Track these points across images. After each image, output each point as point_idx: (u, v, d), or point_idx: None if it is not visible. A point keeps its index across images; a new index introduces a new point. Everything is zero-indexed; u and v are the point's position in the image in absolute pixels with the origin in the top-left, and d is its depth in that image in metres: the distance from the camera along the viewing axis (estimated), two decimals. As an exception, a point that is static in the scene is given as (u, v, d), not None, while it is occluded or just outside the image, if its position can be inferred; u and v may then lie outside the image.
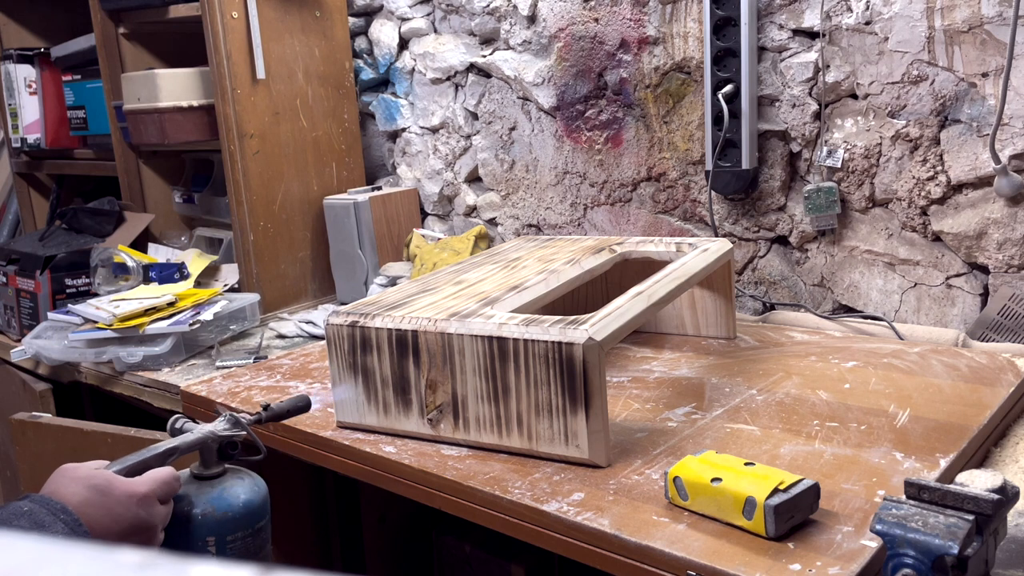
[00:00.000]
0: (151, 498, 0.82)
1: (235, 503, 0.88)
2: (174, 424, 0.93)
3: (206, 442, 0.90)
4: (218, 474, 0.91)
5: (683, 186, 1.67)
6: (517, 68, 1.84)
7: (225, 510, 0.88)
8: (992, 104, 1.30)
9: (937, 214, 1.39)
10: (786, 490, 0.80)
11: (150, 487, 0.82)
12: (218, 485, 0.90)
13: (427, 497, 1.01)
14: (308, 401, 1.02)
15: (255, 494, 0.91)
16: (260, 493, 0.91)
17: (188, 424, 0.92)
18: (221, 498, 0.88)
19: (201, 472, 0.91)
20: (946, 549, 0.65)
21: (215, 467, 0.91)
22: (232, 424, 0.92)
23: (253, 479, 0.92)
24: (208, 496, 0.88)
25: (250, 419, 0.94)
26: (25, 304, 1.91)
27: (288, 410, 1.00)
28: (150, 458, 0.87)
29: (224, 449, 0.91)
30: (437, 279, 1.28)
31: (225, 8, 1.75)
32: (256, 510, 0.90)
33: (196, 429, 0.91)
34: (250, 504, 0.89)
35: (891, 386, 1.14)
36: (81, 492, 0.79)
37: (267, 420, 0.97)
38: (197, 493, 0.89)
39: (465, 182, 2.03)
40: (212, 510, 0.87)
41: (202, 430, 0.91)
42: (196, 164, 2.17)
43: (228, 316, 1.71)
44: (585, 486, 0.93)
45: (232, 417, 0.92)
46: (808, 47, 1.46)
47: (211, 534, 0.87)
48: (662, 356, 1.35)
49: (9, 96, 2.27)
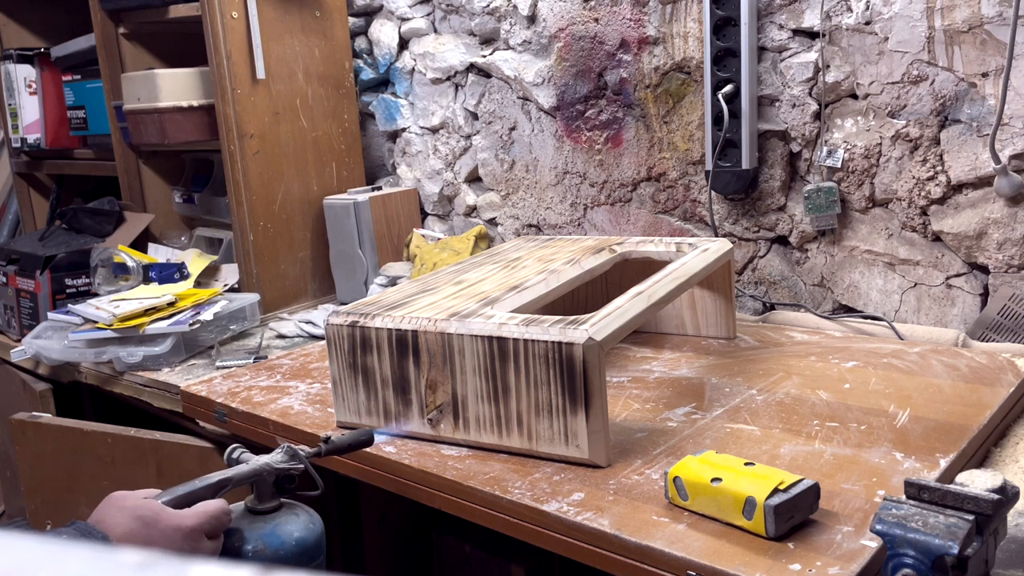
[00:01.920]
0: (198, 532, 0.79)
1: (288, 540, 0.85)
2: (231, 454, 0.89)
3: (261, 474, 0.86)
4: (273, 509, 0.87)
5: (683, 186, 1.67)
6: (517, 68, 1.84)
7: (277, 548, 0.84)
8: (992, 104, 1.30)
9: (937, 214, 1.39)
10: (786, 490, 0.80)
11: (198, 521, 0.79)
12: (271, 521, 0.86)
13: (427, 497, 1.01)
14: (371, 436, 0.96)
15: (310, 532, 0.87)
16: (315, 531, 0.88)
17: (245, 455, 0.89)
18: (274, 535, 0.85)
19: (255, 506, 0.87)
20: (946, 549, 0.65)
21: (270, 501, 0.87)
22: (290, 457, 0.88)
23: (309, 515, 0.89)
24: (261, 532, 0.85)
25: (309, 452, 0.90)
26: (25, 304, 1.91)
27: (350, 444, 0.95)
28: (201, 489, 0.83)
29: (280, 483, 0.87)
30: (437, 279, 1.28)
31: (225, 8, 1.75)
32: (310, 549, 0.86)
33: (252, 460, 0.87)
34: (303, 542, 0.86)
35: (891, 386, 1.14)
36: (125, 523, 0.77)
37: (327, 454, 0.92)
38: (250, 528, 0.85)
39: (465, 182, 2.03)
40: (264, 547, 0.84)
41: (258, 462, 0.87)
42: (196, 164, 2.17)
43: (228, 316, 1.71)
44: (585, 486, 0.93)
45: (291, 449, 0.88)
46: (808, 47, 1.46)
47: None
48: (662, 356, 1.35)
49: (9, 96, 2.27)
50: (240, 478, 0.85)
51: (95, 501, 0.81)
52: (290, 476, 0.87)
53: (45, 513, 1.61)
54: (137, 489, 0.82)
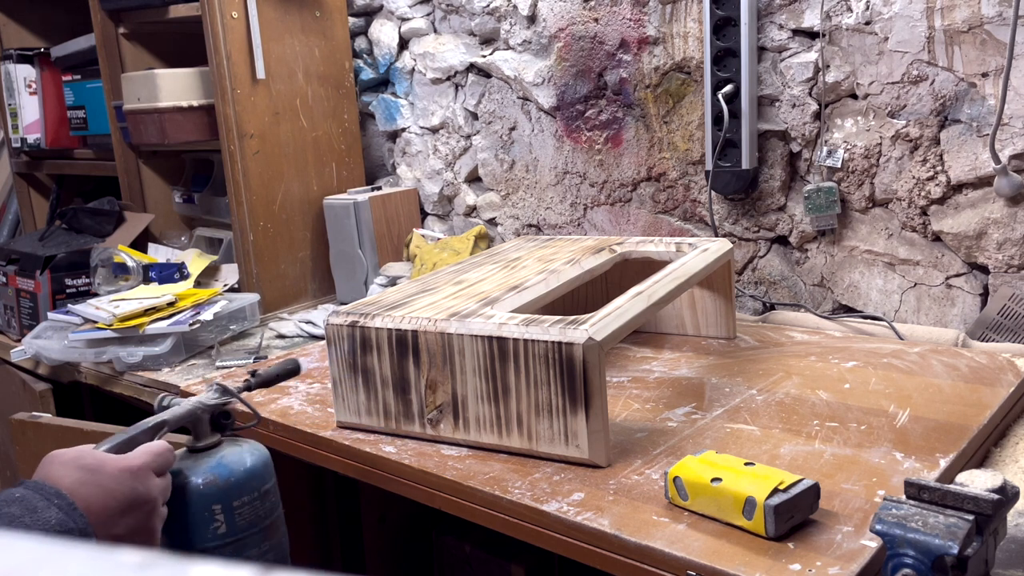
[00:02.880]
0: (146, 470, 0.79)
1: (236, 468, 0.85)
2: (161, 402, 0.90)
3: (196, 413, 0.86)
4: (214, 444, 0.87)
5: (683, 186, 1.67)
6: (517, 68, 1.84)
7: (227, 476, 0.84)
8: (992, 104, 1.30)
9: (937, 214, 1.39)
10: (786, 490, 0.80)
11: (144, 459, 0.79)
12: (216, 454, 0.86)
13: (427, 497, 1.01)
14: (297, 364, 0.98)
15: (256, 458, 0.87)
16: (262, 456, 0.88)
17: (176, 400, 0.89)
18: (221, 465, 0.85)
19: (195, 445, 0.87)
20: (946, 549, 0.65)
21: (209, 438, 0.87)
22: (221, 393, 0.88)
23: (251, 444, 0.89)
24: (207, 466, 0.85)
25: (239, 386, 0.91)
26: (25, 304, 1.91)
27: (277, 375, 0.96)
28: (138, 434, 0.83)
29: (217, 419, 0.88)
30: (437, 279, 1.28)
31: (225, 8, 1.75)
32: (260, 472, 0.87)
33: (184, 402, 0.87)
34: (253, 469, 0.86)
35: (891, 386, 1.14)
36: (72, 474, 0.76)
37: (256, 386, 0.94)
38: (194, 465, 0.85)
39: (465, 182, 2.03)
40: (214, 478, 0.84)
41: (190, 402, 0.87)
42: (196, 164, 2.17)
43: (228, 316, 1.71)
44: (585, 486, 0.93)
45: (220, 386, 0.89)
46: (808, 47, 1.46)
47: (216, 502, 0.84)
48: (662, 356, 1.35)
49: (9, 96, 2.27)
50: (176, 419, 0.85)
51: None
52: (225, 412, 0.88)
53: (45, 513, 1.60)
54: None
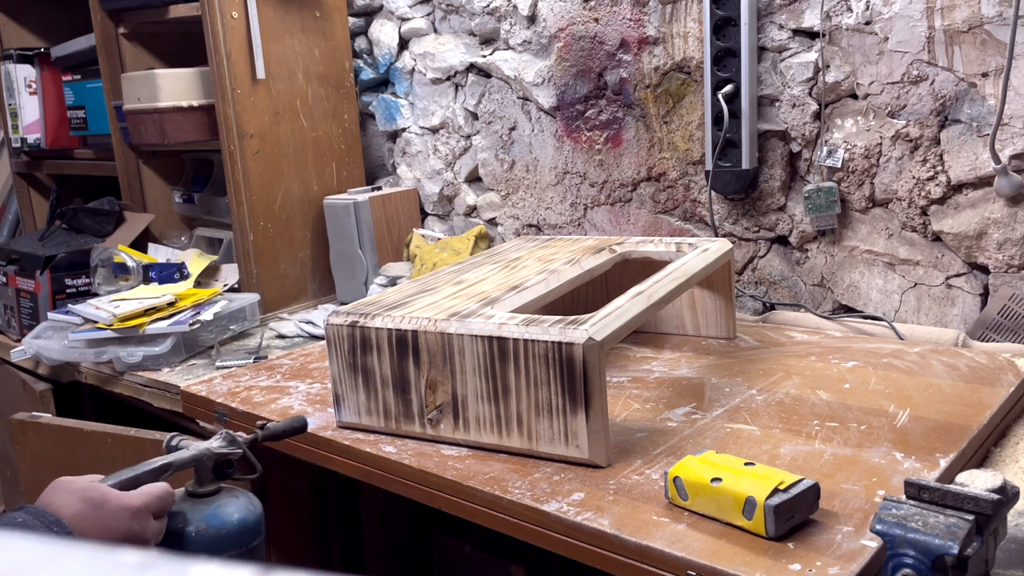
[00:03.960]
0: (144, 512, 0.82)
1: (229, 521, 0.89)
2: (170, 441, 0.94)
3: (201, 459, 0.90)
4: (213, 492, 0.91)
5: (683, 186, 1.67)
6: (517, 68, 1.84)
7: (219, 528, 0.88)
8: (992, 104, 1.30)
9: (937, 214, 1.39)
10: (786, 490, 0.80)
11: (144, 501, 0.83)
12: (212, 503, 0.90)
13: (427, 497, 1.01)
14: (304, 422, 1.02)
15: (249, 513, 0.91)
16: (255, 512, 0.92)
17: (184, 441, 0.93)
18: (215, 516, 0.89)
19: (196, 490, 0.91)
20: (946, 549, 0.65)
21: (210, 485, 0.91)
22: (228, 443, 0.92)
23: (248, 498, 0.92)
24: (203, 514, 0.88)
25: (246, 438, 0.94)
26: (25, 304, 1.91)
27: (284, 431, 1.00)
28: (143, 473, 0.87)
29: (219, 467, 0.91)
30: (437, 279, 1.28)
31: (225, 8, 1.75)
32: (250, 529, 0.90)
33: (192, 447, 0.91)
34: (244, 523, 0.90)
35: (891, 386, 1.14)
36: (74, 505, 0.79)
37: (263, 440, 0.98)
38: (191, 511, 0.89)
39: (465, 182, 2.03)
40: (206, 528, 0.88)
41: (198, 447, 0.91)
42: (196, 164, 2.17)
43: (228, 316, 1.71)
44: (585, 486, 0.93)
45: (228, 435, 0.93)
46: (808, 47, 1.46)
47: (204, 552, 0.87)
48: (662, 356, 1.35)
49: (9, 96, 2.27)
50: (181, 463, 0.89)
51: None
52: (228, 461, 0.91)
53: (45, 513, 1.60)
54: None
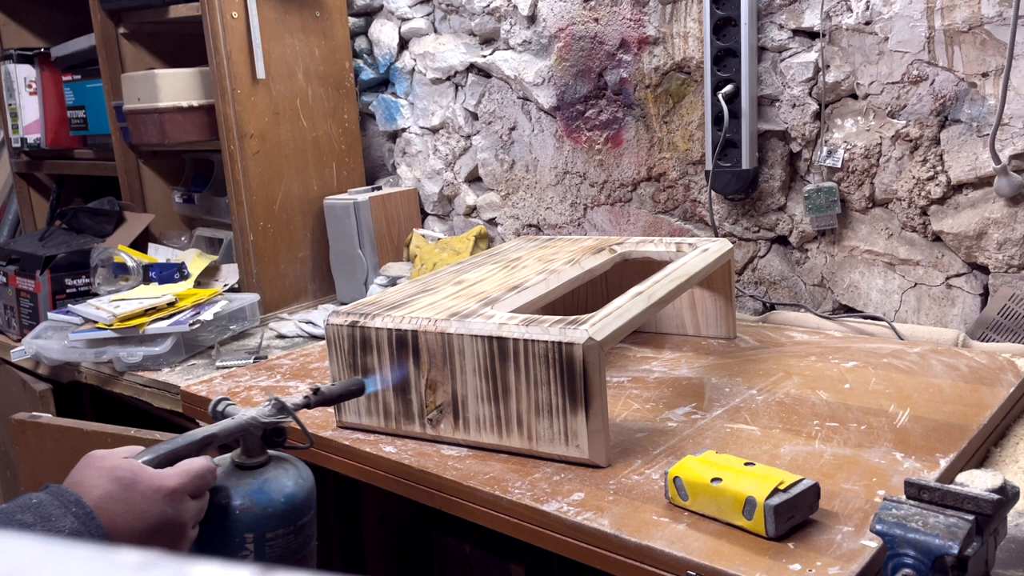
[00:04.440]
0: (180, 493, 0.74)
1: (277, 497, 0.80)
2: (216, 407, 0.85)
3: (248, 429, 0.82)
4: (261, 464, 0.82)
5: (683, 186, 1.67)
6: (517, 68, 1.84)
7: (266, 504, 0.79)
8: (992, 104, 1.30)
9: (937, 214, 1.39)
10: (786, 490, 0.80)
11: (180, 481, 0.74)
12: (260, 476, 0.81)
13: (427, 497, 1.01)
14: (362, 384, 0.93)
15: (299, 487, 0.82)
16: (305, 486, 0.83)
17: (231, 407, 0.84)
18: (262, 491, 0.80)
19: (243, 461, 0.82)
20: (946, 549, 0.65)
21: (258, 456, 0.82)
22: (277, 409, 0.83)
23: (298, 470, 0.84)
24: (248, 488, 0.80)
25: (298, 403, 0.86)
26: (25, 304, 1.91)
27: (340, 394, 0.91)
28: (184, 446, 0.78)
29: (269, 436, 0.83)
30: (437, 279, 1.28)
31: (225, 8, 1.75)
32: (299, 505, 0.82)
33: (239, 414, 0.83)
34: (293, 498, 0.81)
35: (891, 386, 1.14)
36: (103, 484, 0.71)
37: (316, 404, 0.89)
38: (237, 484, 0.80)
39: (465, 182, 2.03)
40: (251, 504, 0.79)
41: (244, 415, 0.82)
42: (196, 164, 2.17)
43: (228, 316, 1.71)
44: (585, 486, 0.93)
45: (278, 402, 0.84)
46: (808, 47, 1.46)
47: (249, 530, 0.79)
48: (662, 356, 1.35)
49: (9, 96, 2.27)
50: (225, 434, 0.81)
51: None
52: (278, 429, 0.84)
53: (45, 513, 1.60)
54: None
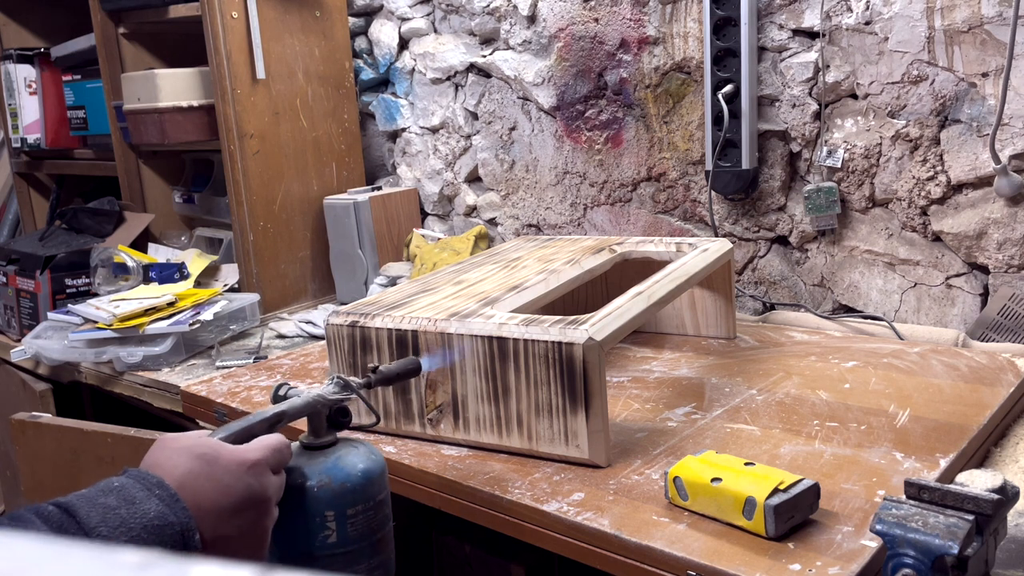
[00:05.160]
0: (263, 466, 0.73)
1: (353, 472, 0.79)
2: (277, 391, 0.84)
3: (316, 407, 0.81)
4: (330, 443, 0.82)
5: (683, 186, 1.67)
6: (517, 68, 1.84)
7: (343, 481, 0.79)
8: (992, 104, 1.30)
9: (937, 214, 1.39)
10: (786, 490, 0.80)
11: (261, 454, 0.73)
12: (332, 455, 0.80)
13: (427, 497, 1.01)
14: (419, 364, 0.93)
15: (374, 463, 0.81)
16: (379, 462, 0.82)
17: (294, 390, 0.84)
18: (337, 468, 0.79)
19: (312, 442, 0.81)
20: (946, 549, 0.65)
21: (326, 436, 0.82)
22: (342, 387, 0.83)
23: (368, 448, 0.84)
24: (323, 467, 0.79)
25: (359, 382, 0.86)
26: (25, 304, 1.91)
27: (398, 373, 0.91)
28: (256, 424, 0.78)
29: (334, 416, 0.83)
30: (437, 279, 1.28)
31: (225, 8, 1.75)
32: (376, 480, 0.81)
33: (304, 393, 0.83)
34: (369, 474, 0.80)
35: (891, 386, 1.14)
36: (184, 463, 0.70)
37: (376, 384, 0.89)
38: (309, 464, 0.79)
39: (465, 182, 2.03)
40: (328, 481, 0.78)
41: (311, 394, 0.82)
42: (196, 164, 2.17)
43: (228, 316, 1.71)
44: (585, 486, 0.93)
45: (341, 380, 0.84)
46: (808, 47, 1.46)
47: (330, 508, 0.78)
48: (662, 356, 1.35)
49: (9, 96, 2.27)
50: (295, 411, 0.81)
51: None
52: (343, 409, 0.83)
53: (45, 513, 1.60)
54: None
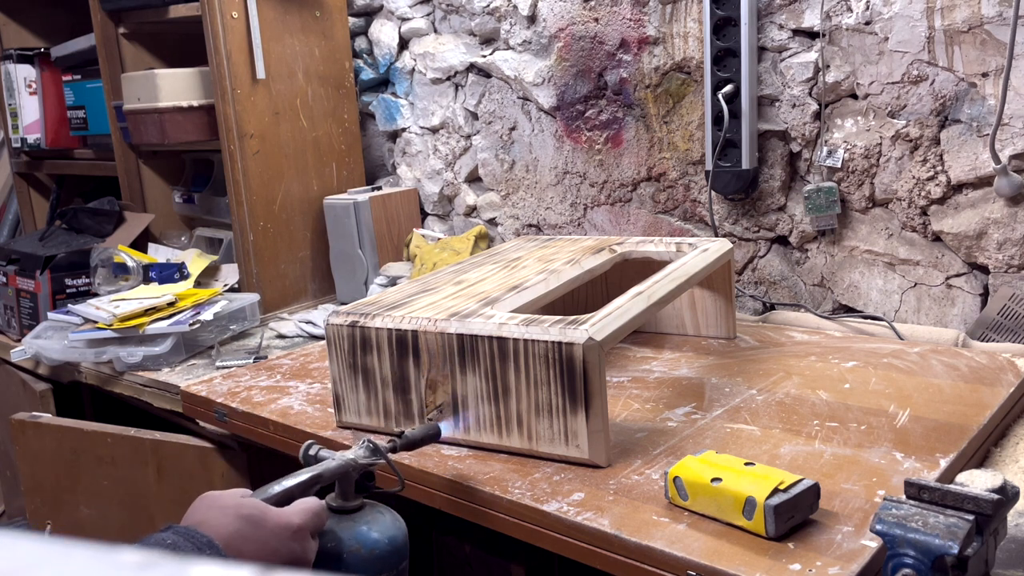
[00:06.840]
0: (305, 531, 0.75)
1: (381, 540, 0.82)
2: (307, 451, 0.86)
3: (347, 471, 0.83)
4: (357, 508, 0.84)
5: (683, 186, 1.67)
6: (517, 68, 1.84)
7: (372, 547, 0.81)
8: (992, 104, 1.30)
9: (937, 214, 1.39)
10: (786, 490, 0.80)
11: (303, 519, 0.75)
12: (360, 520, 0.83)
13: (427, 497, 1.01)
14: (439, 429, 0.96)
15: (399, 531, 0.84)
16: (403, 530, 0.84)
17: (323, 452, 0.86)
18: (367, 535, 0.81)
19: (342, 505, 0.83)
20: (946, 549, 0.65)
21: (353, 500, 0.84)
22: (371, 452, 0.85)
23: (393, 514, 0.86)
24: (353, 532, 0.81)
25: (386, 447, 0.87)
26: (25, 304, 1.91)
27: (421, 438, 0.93)
28: (294, 487, 0.79)
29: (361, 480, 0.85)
30: (437, 279, 1.28)
31: (225, 8, 1.75)
32: (400, 548, 0.83)
33: (336, 456, 0.84)
34: (395, 542, 0.82)
35: (891, 386, 1.14)
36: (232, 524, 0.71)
37: (402, 448, 0.91)
38: (339, 528, 0.81)
39: (465, 182, 2.03)
40: (359, 547, 0.80)
41: (344, 457, 0.84)
42: (196, 164, 2.17)
43: (228, 316, 1.71)
44: (585, 486, 0.93)
45: (371, 444, 0.85)
46: (808, 47, 1.46)
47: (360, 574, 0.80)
48: (662, 356, 1.35)
49: (9, 96, 2.27)
50: (330, 474, 0.82)
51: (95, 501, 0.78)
52: (369, 473, 0.85)
53: (45, 513, 1.61)
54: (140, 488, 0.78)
